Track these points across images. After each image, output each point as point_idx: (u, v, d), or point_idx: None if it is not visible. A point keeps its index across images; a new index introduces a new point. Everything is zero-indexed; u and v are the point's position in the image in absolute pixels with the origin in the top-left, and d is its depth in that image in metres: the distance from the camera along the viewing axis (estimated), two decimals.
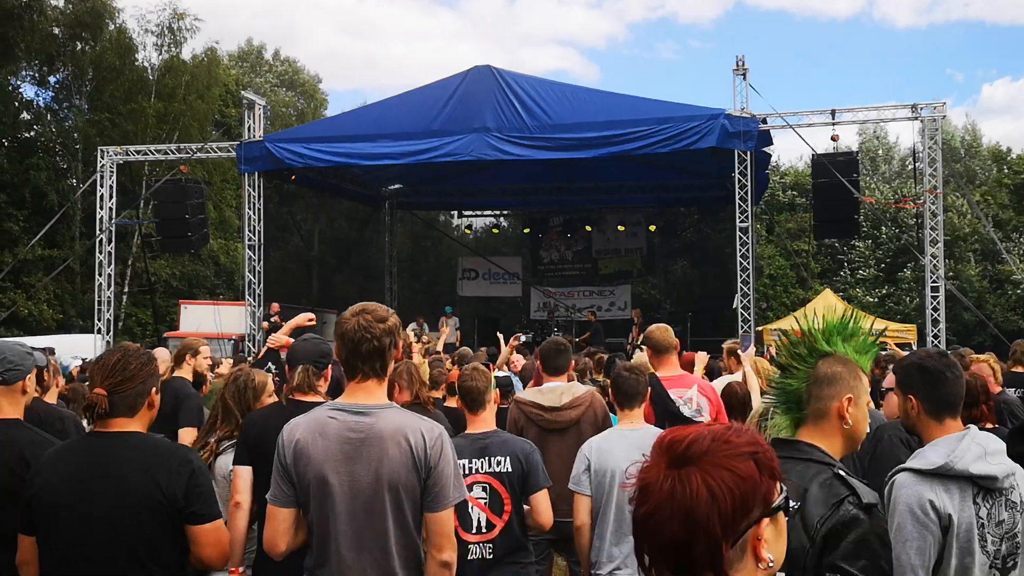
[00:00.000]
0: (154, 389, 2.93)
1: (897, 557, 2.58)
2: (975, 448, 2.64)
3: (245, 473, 3.75)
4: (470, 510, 3.82)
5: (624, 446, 3.99)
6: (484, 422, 4.02)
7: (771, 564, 1.36)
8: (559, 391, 5.11)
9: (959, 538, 2.60)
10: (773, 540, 1.38)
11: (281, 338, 5.26)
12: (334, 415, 2.83)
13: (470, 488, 3.79)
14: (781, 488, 1.39)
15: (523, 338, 14.96)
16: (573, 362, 9.10)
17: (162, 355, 6.24)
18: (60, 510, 2.76)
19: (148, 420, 2.94)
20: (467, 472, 3.80)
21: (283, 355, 4.72)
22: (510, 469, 3.87)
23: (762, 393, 5.30)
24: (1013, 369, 6.97)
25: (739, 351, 6.62)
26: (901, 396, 2.92)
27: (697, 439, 1.36)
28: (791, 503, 1.42)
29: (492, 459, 3.87)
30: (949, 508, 2.60)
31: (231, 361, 10.15)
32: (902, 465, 2.74)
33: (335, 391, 4.16)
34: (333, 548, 2.80)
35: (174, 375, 5.91)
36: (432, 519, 2.82)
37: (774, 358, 2.95)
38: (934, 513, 2.59)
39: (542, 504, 3.91)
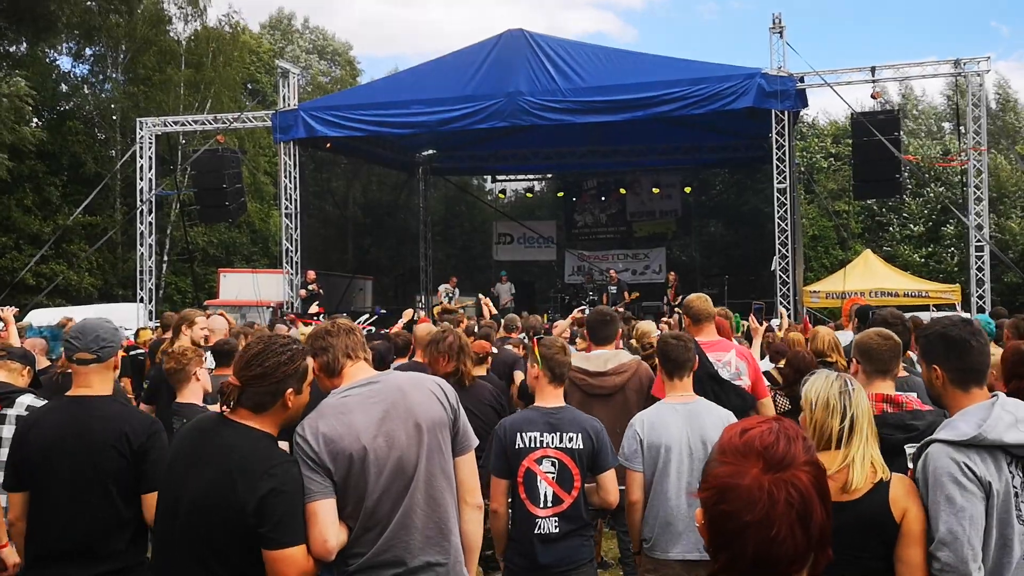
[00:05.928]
0: (290, 390, 2.66)
1: (951, 531, 2.45)
2: (1006, 416, 2.54)
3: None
4: (538, 484, 3.79)
5: (677, 421, 3.91)
6: (557, 397, 3.97)
7: None
8: (604, 357, 5.17)
9: (998, 508, 2.49)
10: None
11: None
12: (345, 394, 2.83)
13: (539, 462, 3.78)
14: None
15: (587, 310, 14.74)
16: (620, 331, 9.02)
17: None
18: (162, 490, 2.75)
19: (281, 419, 2.71)
20: (538, 445, 3.80)
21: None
22: (582, 446, 3.81)
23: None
24: None
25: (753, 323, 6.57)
26: (925, 365, 2.85)
27: (784, 437, 1.28)
28: None
29: (564, 435, 3.82)
30: (988, 475, 2.49)
31: (285, 328, 10.19)
32: (931, 437, 2.61)
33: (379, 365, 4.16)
34: (382, 512, 2.73)
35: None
36: (462, 462, 2.91)
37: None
38: (975, 478, 2.48)
39: (610, 483, 3.88)
